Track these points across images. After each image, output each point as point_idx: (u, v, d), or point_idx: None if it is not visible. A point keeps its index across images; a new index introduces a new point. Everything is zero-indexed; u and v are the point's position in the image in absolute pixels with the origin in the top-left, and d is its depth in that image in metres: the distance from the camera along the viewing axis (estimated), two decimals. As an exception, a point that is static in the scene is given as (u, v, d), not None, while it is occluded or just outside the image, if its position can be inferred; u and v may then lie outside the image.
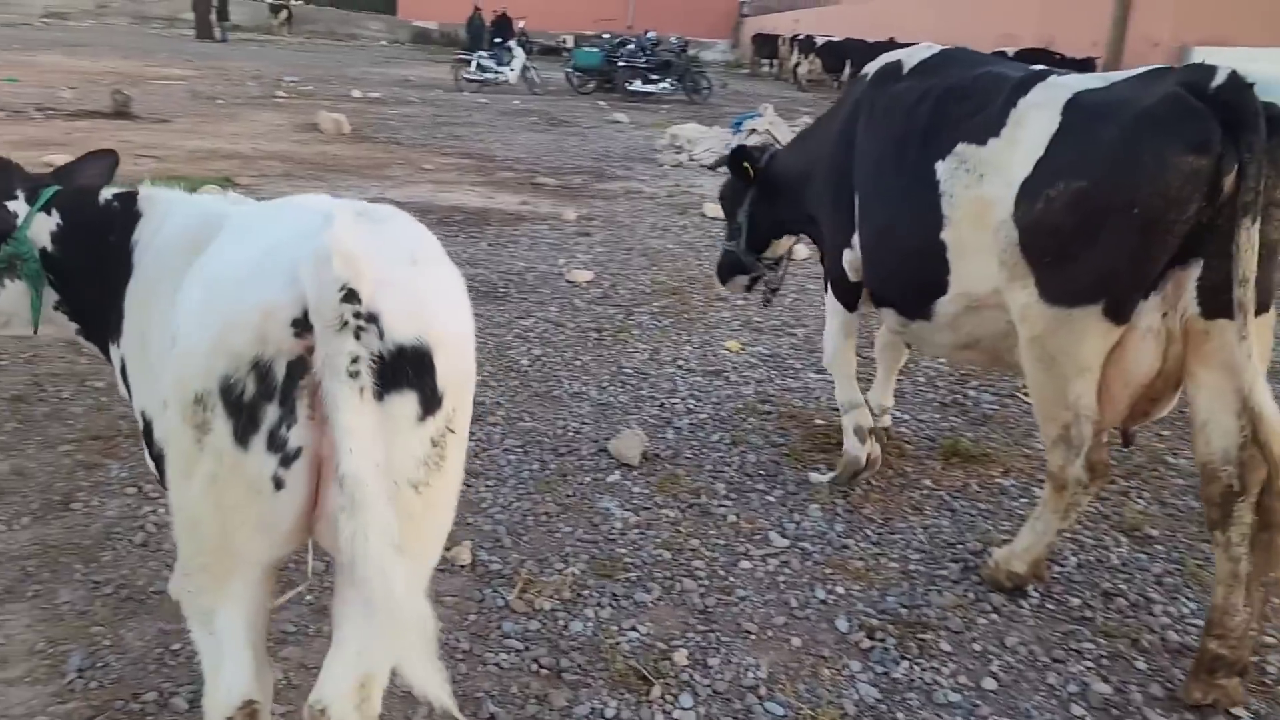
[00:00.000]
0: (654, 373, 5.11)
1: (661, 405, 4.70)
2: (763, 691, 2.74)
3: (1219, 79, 2.62)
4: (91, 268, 2.31)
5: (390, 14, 48.67)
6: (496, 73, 23.55)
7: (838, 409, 4.05)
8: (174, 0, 48.22)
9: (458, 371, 1.72)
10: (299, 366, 1.57)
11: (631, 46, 25.60)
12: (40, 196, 2.36)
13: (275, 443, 1.59)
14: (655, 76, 23.93)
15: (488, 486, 3.80)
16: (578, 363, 5.20)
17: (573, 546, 3.42)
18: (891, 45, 17.23)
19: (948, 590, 3.27)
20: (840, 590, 3.25)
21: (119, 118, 13.25)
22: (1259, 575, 2.73)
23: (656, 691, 2.70)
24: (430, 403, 1.65)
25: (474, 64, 23.62)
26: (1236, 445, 2.67)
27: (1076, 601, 3.24)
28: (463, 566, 3.25)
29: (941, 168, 3.15)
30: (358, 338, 1.52)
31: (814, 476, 4.02)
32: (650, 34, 27.59)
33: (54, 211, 2.37)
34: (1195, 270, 2.67)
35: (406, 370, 1.61)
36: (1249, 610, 2.73)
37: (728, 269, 4.65)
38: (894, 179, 3.38)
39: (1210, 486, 2.74)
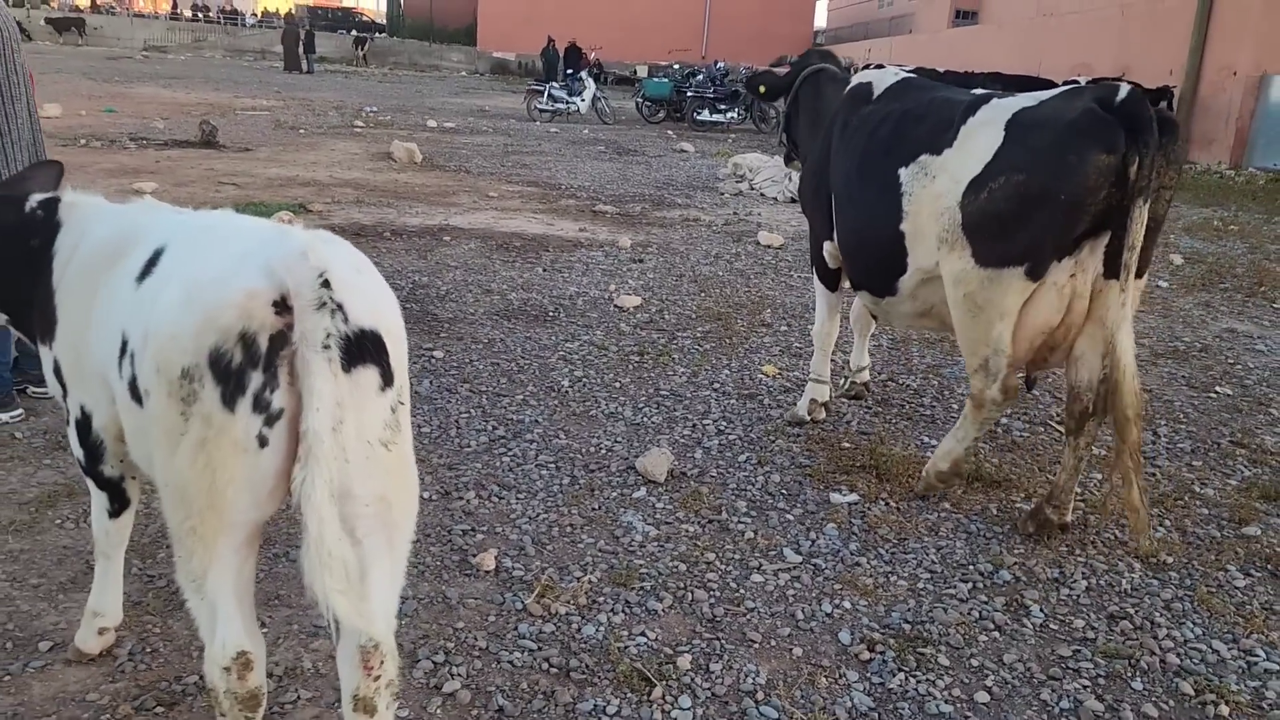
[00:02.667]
0: (689, 395, 5.28)
1: (693, 426, 4.86)
2: (759, 696, 2.87)
3: (1123, 94, 3.43)
4: (13, 267, 2.60)
5: (470, 45, 49.90)
6: (568, 103, 24.04)
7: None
8: (265, 34, 50.21)
9: (400, 356, 2.05)
10: (279, 340, 1.85)
11: (701, 77, 25.93)
12: None
13: (260, 404, 1.86)
14: (723, 106, 24.20)
15: (518, 499, 4.00)
16: (617, 384, 5.39)
17: (593, 556, 3.59)
18: (965, 75, 17.23)
19: (953, 608, 3.36)
20: (847, 605, 3.37)
21: (206, 147, 13.91)
22: (1079, 468, 3.80)
23: (658, 692, 2.85)
24: (387, 377, 1.97)
25: (546, 94, 24.15)
26: (1098, 378, 3.64)
27: (1080, 623, 3.31)
28: (487, 572, 3.44)
29: (904, 173, 3.95)
30: (331, 317, 1.83)
31: (834, 497, 4.13)
32: (720, 64, 27.93)
33: None
34: (1104, 240, 3.48)
35: (368, 348, 1.92)
36: (1074, 491, 3.82)
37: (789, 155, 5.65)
38: (864, 185, 4.16)
39: (1074, 405, 3.74)
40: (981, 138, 3.69)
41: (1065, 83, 5.11)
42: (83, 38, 44.06)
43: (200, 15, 57.26)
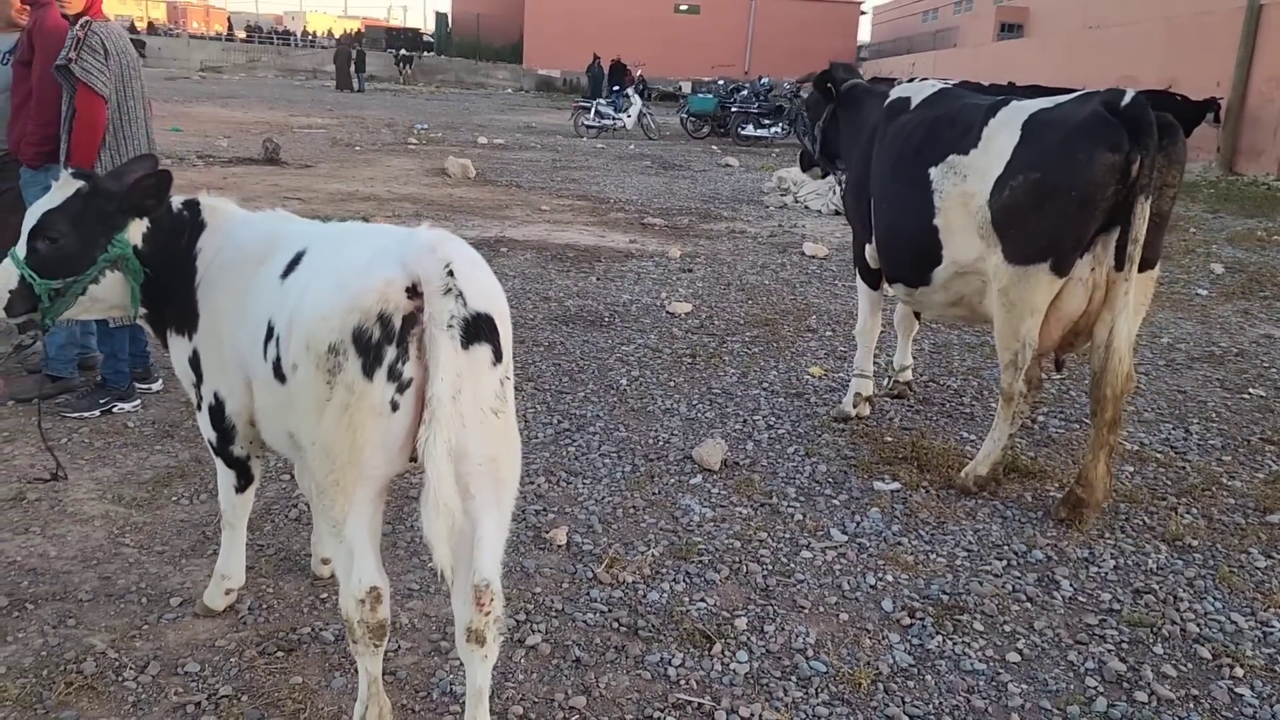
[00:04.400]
0: (740, 393, 5.59)
1: (744, 421, 5.18)
2: (809, 653, 3.18)
3: (1127, 99, 3.79)
4: (164, 266, 2.91)
5: (516, 63, 50.74)
6: (614, 119, 24.52)
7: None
8: (317, 54, 51.41)
9: (508, 337, 2.39)
10: (411, 320, 2.20)
11: (745, 92, 26.27)
12: None
13: (393, 374, 2.21)
14: (767, 121, 24.51)
15: (584, 484, 4.34)
16: (671, 384, 5.72)
17: (655, 534, 3.92)
18: (1007, 88, 17.38)
19: (988, 582, 3.64)
20: (889, 578, 3.66)
21: (269, 164, 14.49)
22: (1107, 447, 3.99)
23: (718, 649, 3.17)
24: (498, 354, 2.31)
25: (592, 111, 24.63)
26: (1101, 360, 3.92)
27: (1107, 596, 3.57)
28: (560, 546, 3.78)
29: (934, 172, 4.30)
30: (455, 301, 2.17)
31: (878, 485, 4.42)
32: (764, 80, 28.22)
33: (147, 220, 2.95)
34: (1115, 235, 3.82)
35: (483, 329, 2.26)
36: (1106, 472, 4.02)
37: (806, 160, 6.01)
38: (899, 185, 4.52)
39: (1097, 390, 3.97)
40: (1001, 138, 4.06)
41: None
42: (143, 58, 45.31)
43: (254, 36, 58.75)
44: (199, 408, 2.95)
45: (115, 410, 4.81)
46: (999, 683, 3.07)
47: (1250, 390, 6.02)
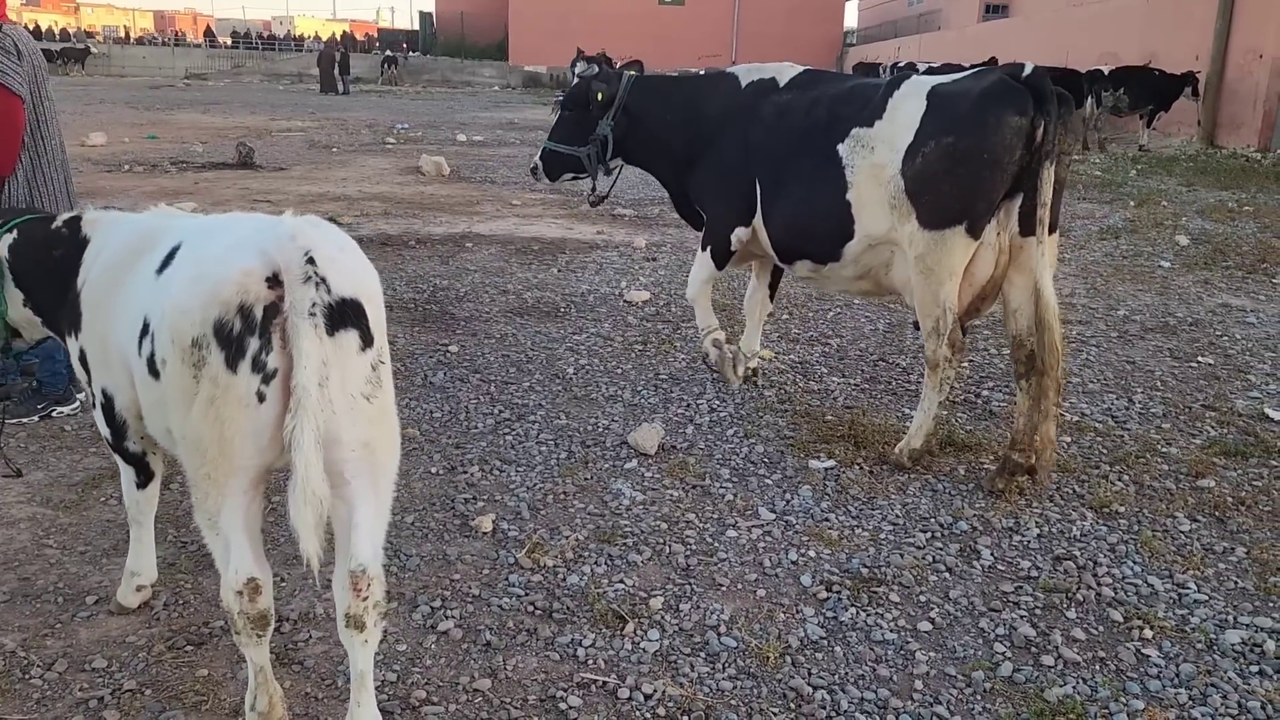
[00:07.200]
0: (687, 378, 5.60)
1: (688, 405, 5.18)
2: (722, 630, 3.19)
3: (1028, 70, 3.94)
4: (43, 275, 3.03)
5: (502, 60, 50.70)
6: (595, 112, 24.43)
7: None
8: (302, 57, 51.35)
9: (379, 320, 2.39)
10: (272, 310, 2.20)
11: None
12: (9, 224, 3.14)
13: (257, 365, 2.21)
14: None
15: (518, 471, 4.35)
16: (618, 371, 5.73)
17: (582, 519, 3.93)
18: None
19: (909, 554, 3.65)
20: (812, 554, 3.67)
21: (242, 168, 14.48)
22: (1036, 408, 4.06)
23: (630, 628, 3.18)
24: (366, 338, 2.31)
25: (573, 105, 24.56)
26: (1035, 322, 4.01)
27: (1027, 564, 3.59)
28: (485, 534, 3.79)
29: (843, 148, 4.32)
30: (316, 289, 2.17)
31: (813, 464, 4.43)
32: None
33: (15, 231, 3.12)
34: (1018, 201, 3.96)
35: (349, 314, 2.26)
36: (1035, 432, 4.06)
37: (559, 166, 5.56)
38: (805, 163, 4.50)
39: (1019, 351, 4.12)
40: (906, 108, 4.14)
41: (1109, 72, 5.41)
42: (83, 68, 45.49)
43: (240, 43, 58.75)
44: (94, 405, 2.97)
45: (54, 415, 4.82)
46: (907, 651, 3.08)
47: (1200, 359, 6.03)
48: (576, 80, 5.59)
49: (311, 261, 2.19)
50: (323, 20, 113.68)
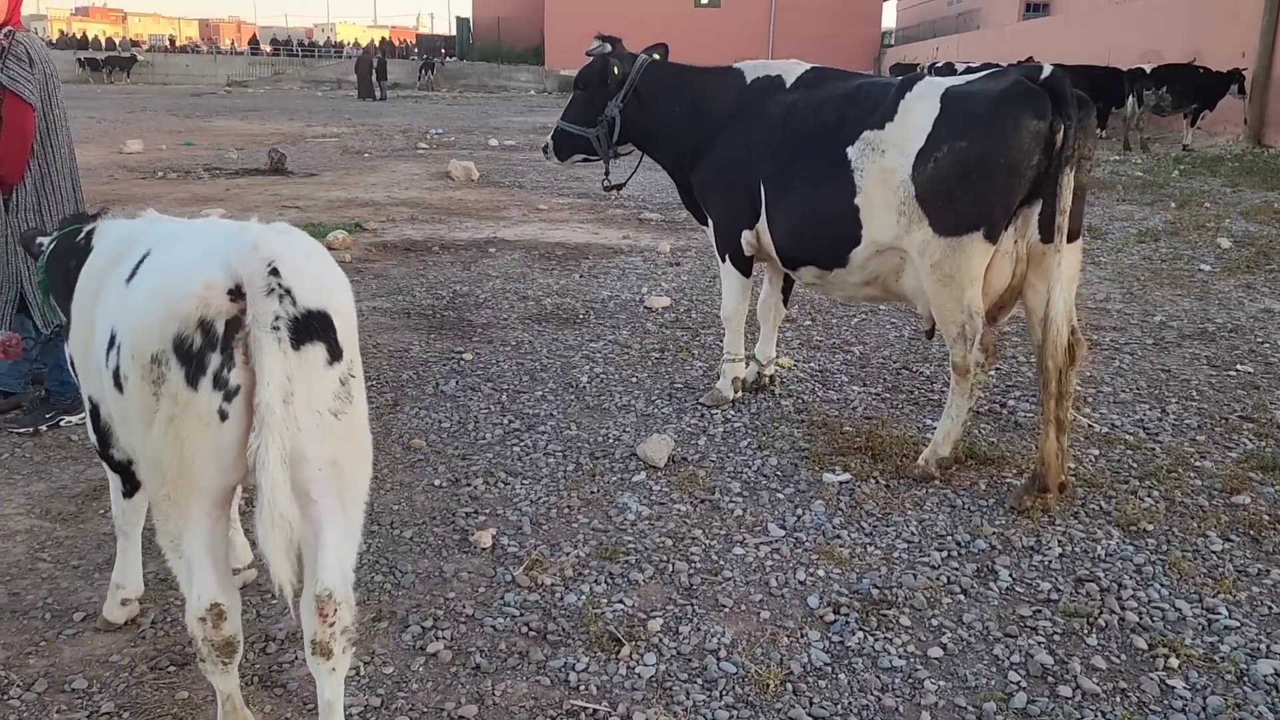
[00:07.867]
0: (702, 387, 5.46)
1: (701, 415, 5.05)
2: (721, 654, 3.06)
3: (1046, 72, 3.76)
4: (64, 288, 2.96)
5: (538, 64, 50.79)
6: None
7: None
8: (341, 64, 51.86)
9: (349, 332, 2.27)
10: (234, 324, 2.09)
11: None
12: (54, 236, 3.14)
13: (219, 382, 2.11)
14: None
15: (523, 484, 4.25)
16: (633, 379, 5.61)
17: (585, 534, 3.81)
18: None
19: (923, 574, 3.50)
20: (820, 573, 3.53)
21: (274, 174, 14.55)
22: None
23: (625, 651, 3.06)
24: (334, 352, 2.20)
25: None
26: (1041, 320, 3.83)
27: (1047, 586, 3.41)
28: (484, 550, 3.69)
29: (852, 151, 4.14)
30: (279, 301, 2.06)
31: (827, 477, 4.28)
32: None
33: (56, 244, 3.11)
34: (1037, 208, 3.80)
35: (315, 327, 2.15)
36: (1063, 448, 3.92)
37: (569, 146, 5.47)
38: (812, 165, 4.32)
39: (1040, 363, 3.89)
40: (919, 111, 3.97)
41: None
42: (129, 76, 46.37)
43: (280, 50, 59.49)
44: (85, 411, 2.91)
45: (62, 424, 4.80)
46: (915, 680, 2.93)
47: (1238, 367, 5.79)
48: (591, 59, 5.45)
49: (275, 272, 2.09)
50: (363, 27, 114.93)
